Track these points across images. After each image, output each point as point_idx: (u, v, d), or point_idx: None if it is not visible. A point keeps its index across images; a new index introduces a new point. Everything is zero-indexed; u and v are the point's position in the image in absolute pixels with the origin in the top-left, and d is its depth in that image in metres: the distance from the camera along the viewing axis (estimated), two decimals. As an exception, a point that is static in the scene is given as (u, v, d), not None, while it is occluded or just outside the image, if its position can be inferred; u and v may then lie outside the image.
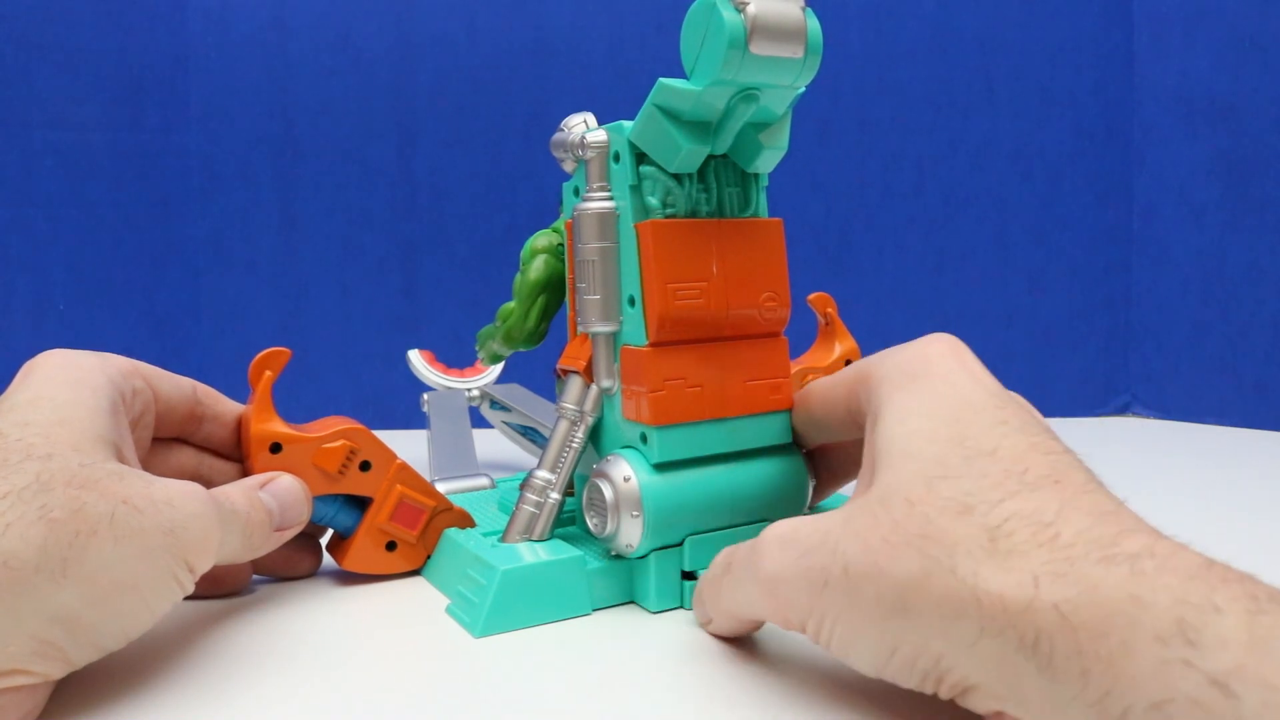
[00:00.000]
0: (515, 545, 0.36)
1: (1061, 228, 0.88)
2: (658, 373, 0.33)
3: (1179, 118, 0.84)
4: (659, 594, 0.34)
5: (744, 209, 0.35)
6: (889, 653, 0.24)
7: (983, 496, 0.23)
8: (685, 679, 0.29)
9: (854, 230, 0.86)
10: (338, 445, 0.36)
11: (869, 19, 0.85)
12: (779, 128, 0.33)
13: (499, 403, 0.60)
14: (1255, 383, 0.80)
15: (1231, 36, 0.80)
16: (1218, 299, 0.82)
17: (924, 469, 0.25)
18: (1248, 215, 0.80)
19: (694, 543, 0.34)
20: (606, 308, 0.35)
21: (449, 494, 0.47)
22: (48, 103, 0.76)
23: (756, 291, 0.35)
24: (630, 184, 0.34)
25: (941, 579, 0.22)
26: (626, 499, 0.33)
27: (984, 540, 0.22)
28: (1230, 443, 0.71)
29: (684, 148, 0.32)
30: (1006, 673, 0.21)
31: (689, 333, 0.34)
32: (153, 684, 0.28)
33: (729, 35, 0.28)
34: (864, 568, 0.24)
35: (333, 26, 0.80)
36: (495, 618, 0.32)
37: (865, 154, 0.85)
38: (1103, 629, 0.20)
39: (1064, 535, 0.22)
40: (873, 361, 0.31)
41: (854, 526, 0.25)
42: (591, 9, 0.81)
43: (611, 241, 0.35)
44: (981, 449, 0.24)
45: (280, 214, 0.81)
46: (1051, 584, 0.21)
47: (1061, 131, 0.87)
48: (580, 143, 0.35)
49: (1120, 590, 0.20)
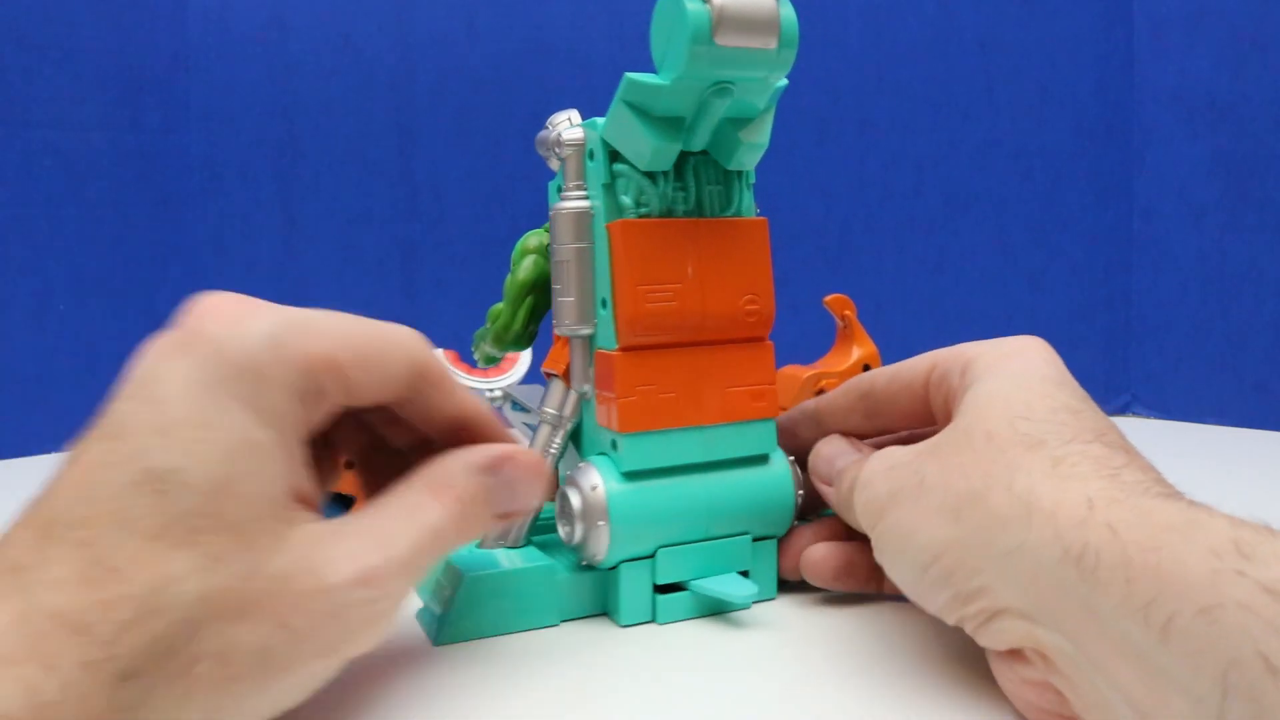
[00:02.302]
0: (491, 552, 0.34)
1: (1061, 228, 0.88)
2: (627, 378, 0.32)
3: (1179, 118, 0.84)
4: (628, 607, 0.33)
5: (725, 208, 0.34)
6: (931, 559, 0.25)
7: (1057, 435, 0.25)
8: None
9: (854, 230, 0.86)
10: None
11: (869, 19, 0.84)
12: (760, 123, 0.32)
13: (520, 404, 0.59)
14: (1255, 383, 0.80)
15: (1231, 36, 0.80)
16: (1218, 299, 0.82)
17: (1010, 410, 0.26)
18: (1248, 215, 0.80)
19: (666, 554, 0.33)
20: (582, 310, 0.33)
21: None
22: (48, 103, 0.75)
23: (737, 294, 0.33)
24: (603, 183, 0.32)
25: (998, 494, 0.24)
26: (593, 508, 0.32)
27: (1047, 465, 0.24)
28: (1230, 443, 0.71)
29: (652, 145, 0.30)
30: (1042, 587, 0.22)
31: (662, 337, 0.32)
32: None
33: (692, 28, 0.27)
34: (936, 482, 0.26)
35: (333, 26, 0.80)
36: (454, 625, 0.32)
37: (865, 154, 0.85)
38: (1154, 544, 0.20)
39: (1124, 477, 0.23)
40: (965, 346, 0.31)
41: (939, 451, 0.27)
42: (591, 9, 0.81)
43: (587, 242, 0.33)
44: (1068, 407, 0.26)
45: (280, 214, 0.81)
46: (1106, 507, 0.22)
47: (1061, 131, 0.87)
48: (557, 140, 0.34)
49: (1177, 515, 0.21)
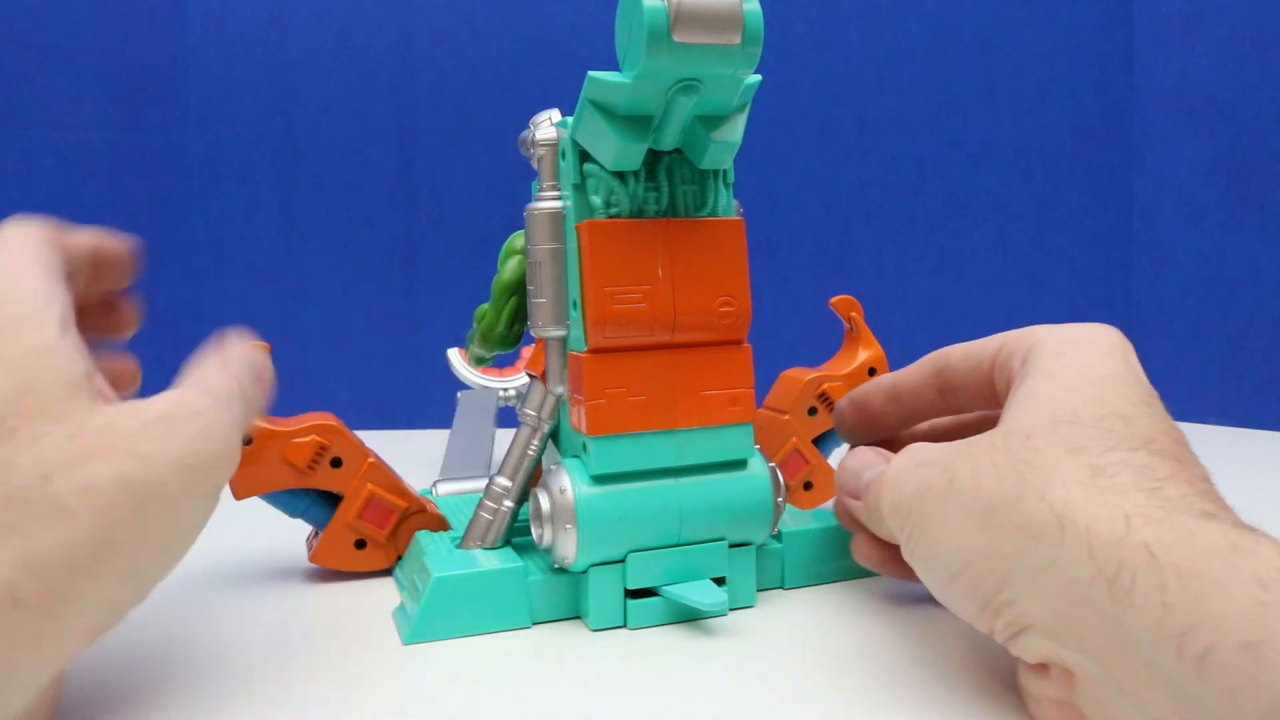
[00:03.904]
0: (469, 553, 0.35)
1: (1061, 228, 0.88)
2: (597, 381, 0.32)
3: (1179, 118, 0.84)
4: (598, 611, 0.32)
5: (700, 208, 0.33)
6: (960, 567, 0.24)
7: (1100, 441, 0.24)
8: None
9: (854, 230, 0.86)
10: (307, 440, 0.36)
11: (869, 19, 0.84)
12: (732, 121, 0.31)
13: None
14: (1255, 383, 0.80)
15: (1231, 36, 0.80)
16: (1218, 299, 0.82)
17: (1054, 412, 0.25)
18: (1248, 215, 0.80)
19: (637, 559, 0.32)
20: (556, 311, 0.33)
21: (450, 494, 0.47)
22: (47, 103, 0.75)
23: (711, 296, 0.32)
24: (574, 182, 0.32)
25: (1031, 502, 0.23)
26: (561, 511, 0.31)
27: (1085, 474, 0.22)
28: (1230, 443, 0.71)
29: (617, 145, 0.30)
30: (1072, 606, 0.21)
31: (631, 339, 0.32)
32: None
33: (649, 23, 0.26)
34: (966, 482, 0.25)
35: (333, 26, 0.80)
36: (424, 625, 0.32)
37: (865, 154, 0.85)
38: (1195, 569, 0.19)
39: (1166, 491, 0.22)
40: (1035, 329, 0.30)
41: (971, 450, 0.26)
42: (591, 9, 0.81)
43: (561, 243, 0.33)
44: (1118, 413, 0.25)
45: (280, 214, 0.81)
46: (1144, 525, 0.20)
47: (1061, 131, 0.87)
48: (532, 140, 0.34)
49: (1220, 539, 0.20)
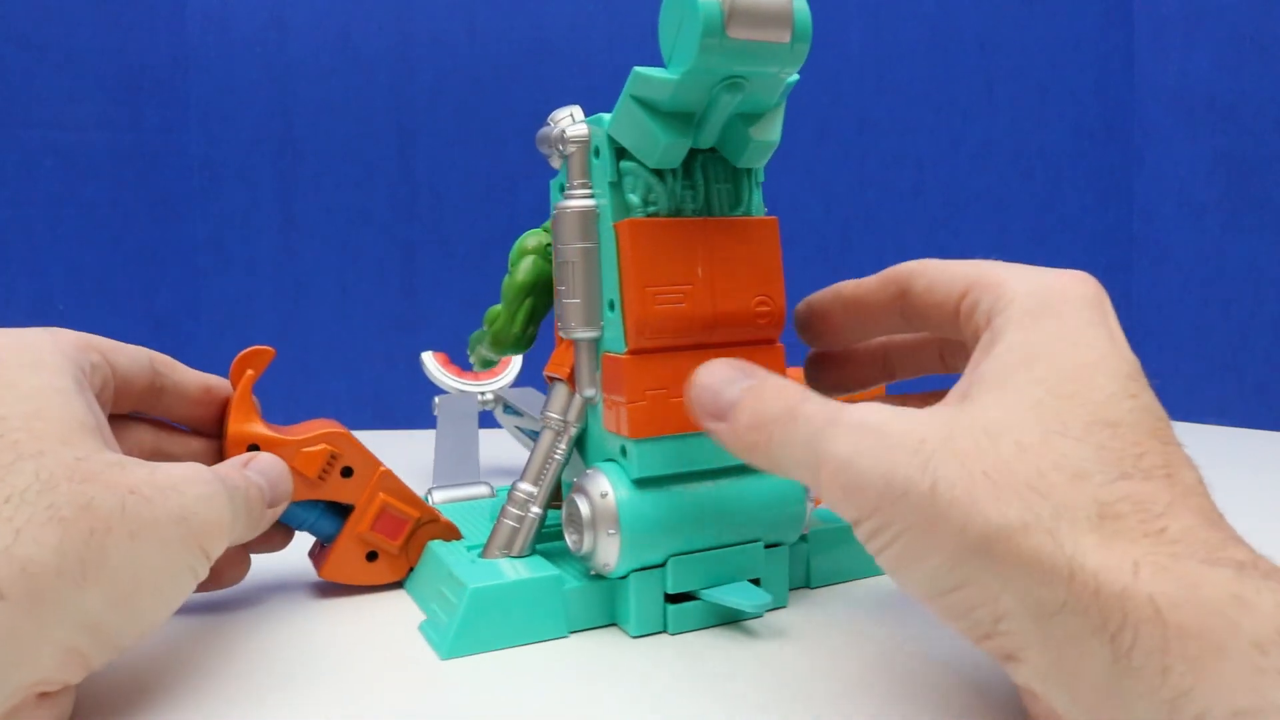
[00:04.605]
0: (495, 561, 0.34)
1: (1061, 228, 0.88)
2: (637, 382, 0.31)
3: (1179, 118, 0.84)
4: (639, 617, 0.32)
5: (734, 207, 0.33)
6: (950, 587, 0.22)
7: (1100, 468, 0.22)
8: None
9: (854, 230, 0.86)
10: (318, 449, 0.35)
11: (869, 19, 0.84)
12: (770, 119, 0.31)
13: (512, 407, 0.58)
14: (1255, 383, 0.80)
15: (1231, 36, 0.80)
16: (1218, 299, 0.82)
17: (1042, 418, 0.23)
18: (1248, 215, 0.80)
19: (678, 563, 0.32)
20: (588, 312, 0.33)
21: (446, 502, 0.46)
22: (47, 103, 0.76)
23: (747, 295, 0.32)
24: (610, 180, 0.31)
25: (1039, 538, 0.21)
26: (603, 516, 0.31)
27: (1093, 512, 0.21)
28: (1230, 443, 0.71)
29: (662, 142, 0.29)
30: (1070, 654, 0.21)
31: (671, 339, 0.32)
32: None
33: (704, 19, 0.26)
34: (957, 494, 0.22)
35: (333, 26, 0.80)
36: (463, 639, 0.31)
37: (865, 154, 0.85)
38: (1197, 629, 0.19)
39: (1171, 530, 0.21)
40: (1004, 274, 0.27)
41: (955, 446, 0.23)
42: (591, 9, 0.81)
43: (593, 242, 0.32)
44: (1104, 418, 0.23)
45: (280, 214, 0.81)
46: (1152, 575, 0.20)
47: (1061, 131, 0.87)
48: (560, 137, 0.33)
49: (1223, 589, 0.19)
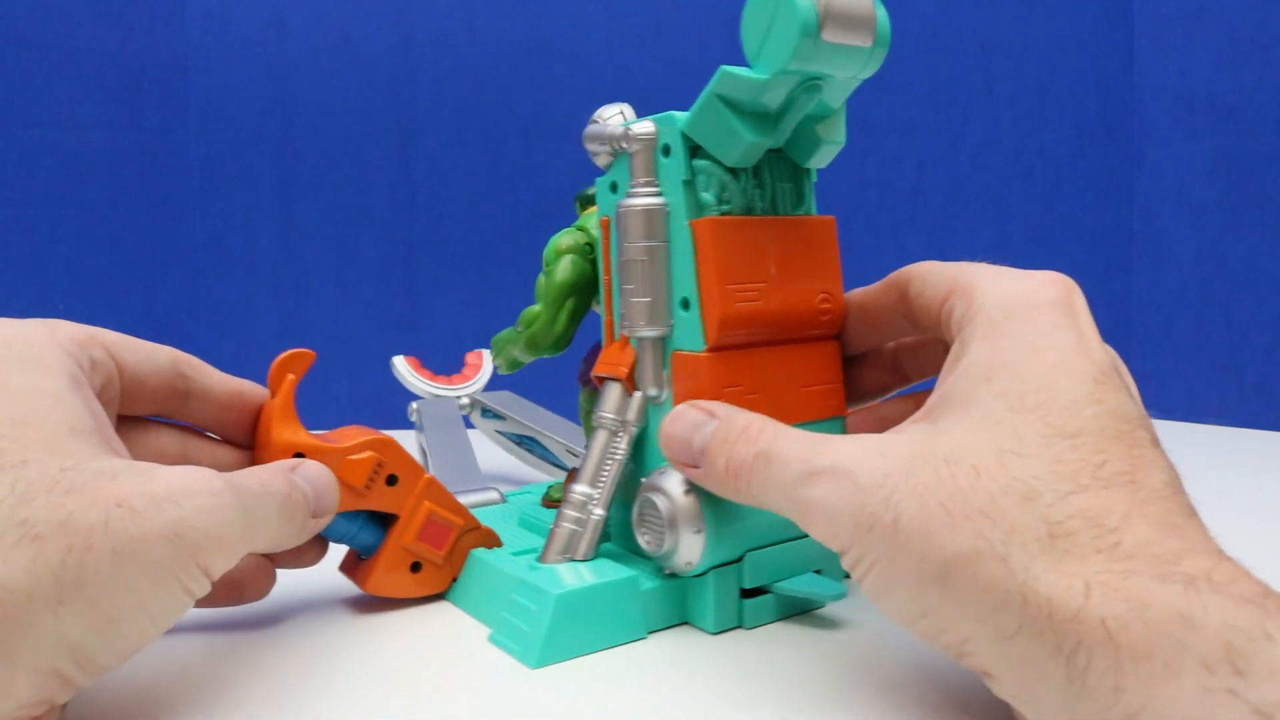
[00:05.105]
0: (557, 566, 0.33)
1: (1061, 228, 0.88)
2: (717, 380, 0.31)
3: (1179, 118, 0.84)
4: (719, 614, 0.32)
5: (797, 206, 0.34)
6: (918, 614, 0.23)
7: (1051, 485, 0.22)
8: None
9: (854, 230, 0.86)
10: (365, 457, 0.33)
11: (869, 19, 0.84)
12: (835, 121, 0.32)
13: (492, 410, 0.57)
14: (1255, 383, 0.80)
15: (1231, 36, 0.80)
16: (1218, 299, 0.82)
17: (998, 438, 0.24)
18: (1248, 215, 0.80)
19: (753, 558, 0.32)
20: (655, 311, 0.33)
21: None
22: (47, 103, 0.76)
23: (812, 292, 0.33)
24: (683, 179, 0.32)
25: (991, 565, 0.22)
26: (686, 514, 0.31)
27: (1043, 534, 0.22)
28: (1230, 443, 0.71)
29: (748, 140, 0.30)
30: (1031, 674, 0.21)
31: (747, 337, 0.32)
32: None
33: (802, 22, 0.27)
34: (916, 526, 0.23)
35: (333, 26, 0.80)
36: (551, 646, 0.30)
37: (865, 154, 0.85)
38: (1147, 650, 0.19)
39: (1125, 544, 0.21)
40: (977, 282, 0.28)
41: (915, 480, 0.24)
42: (591, 9, 0.81)
43: (661, 240, 0.32)
44: (1064, 429, 0.23)
45: (280, 214, 0.81)
46: (1103, 596, 0.20)
47: (1061, 131, 0.87)
48: (625, 135, 0.33)
49: (1170, 609, 0.19)
